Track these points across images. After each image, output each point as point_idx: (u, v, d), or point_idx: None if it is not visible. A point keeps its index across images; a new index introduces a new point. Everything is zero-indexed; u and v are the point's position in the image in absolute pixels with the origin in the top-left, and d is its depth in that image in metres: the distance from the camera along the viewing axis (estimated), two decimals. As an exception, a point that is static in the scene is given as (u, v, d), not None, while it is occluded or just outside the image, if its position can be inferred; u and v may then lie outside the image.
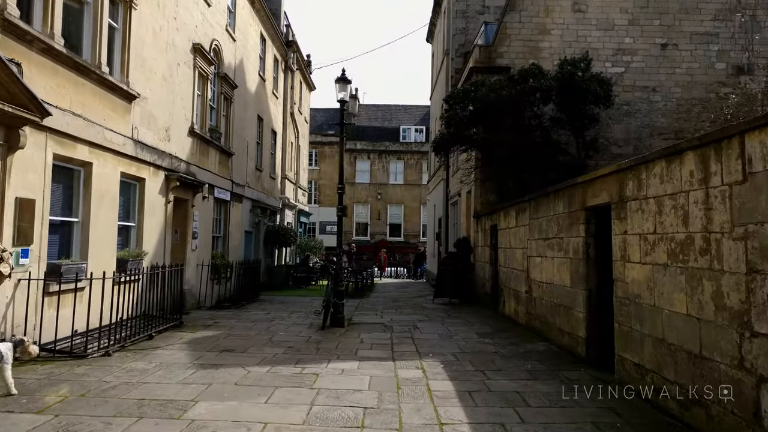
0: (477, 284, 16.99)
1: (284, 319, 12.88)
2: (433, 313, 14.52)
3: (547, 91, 14.32)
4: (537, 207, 10.46)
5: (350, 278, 20.80)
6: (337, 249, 12.15)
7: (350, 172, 47.90)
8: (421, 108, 52.82)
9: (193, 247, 14.30)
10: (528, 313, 11.10)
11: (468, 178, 16.94)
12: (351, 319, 12.93)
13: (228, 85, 17.05)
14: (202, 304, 14.68)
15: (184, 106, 13.53)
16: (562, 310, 9.02)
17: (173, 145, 12.87)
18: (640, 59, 17.80)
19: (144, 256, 11.12)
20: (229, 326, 11.47)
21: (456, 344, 9.75)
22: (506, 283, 13.09)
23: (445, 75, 25.43)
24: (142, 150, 11.01)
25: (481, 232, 16.50)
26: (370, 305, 17.05)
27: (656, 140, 17.74)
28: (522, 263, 11.52)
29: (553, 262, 9.50)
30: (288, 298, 18.76)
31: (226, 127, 17.46)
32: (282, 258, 25.97)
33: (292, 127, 27.68)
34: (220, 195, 16.61)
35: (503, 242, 13.44)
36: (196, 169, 14.39)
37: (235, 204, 18.38)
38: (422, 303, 17.48)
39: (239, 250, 18.84)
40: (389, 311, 15.06)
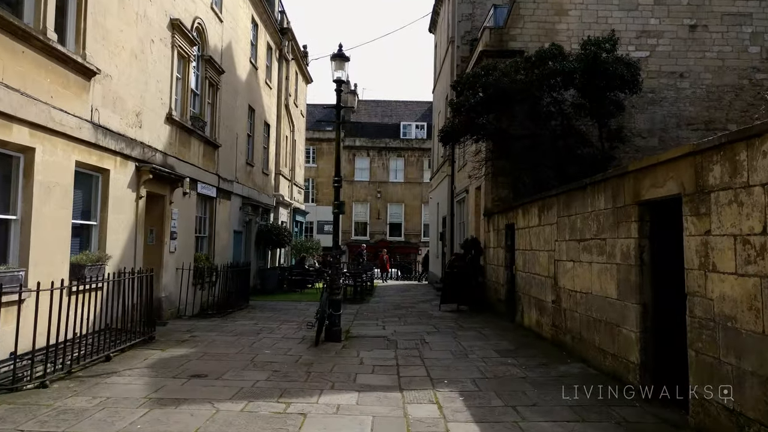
0: (488, 290, 15.41)
1: (273, 331, 11.29)
2: (441, 323, 12.94)
3: (569, 74, 12.73)
4: (568, 202, 8.89)
5: (349, 281, 19.22)
6: (334, 251, 10.57)
7: (349, 169, 46.33)
8: (422, 104, 51.24)
9: (171, 248, 12.71)
10: (555, 326, 9.52)
11: (479, 172, 15.38)
12: (349, 330, 11.36)
13: (214, 69, 15.46)
14: (183, 312, 13.10)
15: (160, 89, 11.94)
16: (604, 326, 7.45)
17: (146, 133, 11.28)
18: (667, 42, 16.23)
19: (107, 261, 9.53)
20: (208, 341, 9.88)
21: (474, 366, 8.17)
22: (525, 290, 11.51)
23: (450, 64, 23.86)
24: (104, 136, 9.42)
25: (494, 232, 14.93)
26: (370, 312, 15.47)
27: (684, 131, 16.18)
28: (547, 268, 9.95)
29: (590, 268, 7.92)
30: (280, 304, 17.18)
31: (212, 116, 15.88)
32: (276, 260, 24.39)
33: (287, 121, 26.10)
34: (205, 190, 15.02)
35: (522, 243, 11.87)
36: (175, 161, 12.81)
37: (223, 201, 16.80)
38: (427, 310, 15.90)
39: (227, 252, 17.26)
40: (392, 320, 13.49)
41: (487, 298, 15.42)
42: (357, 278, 19.25)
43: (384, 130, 48.40)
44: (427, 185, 45.41)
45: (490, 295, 15.26)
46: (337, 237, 10.44)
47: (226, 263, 15.88)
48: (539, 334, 10.41)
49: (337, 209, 10.48)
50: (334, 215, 10.50)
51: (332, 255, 10.81)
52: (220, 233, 16.54)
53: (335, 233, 10.45)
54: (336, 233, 10.44)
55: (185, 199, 13.65)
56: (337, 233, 10.42)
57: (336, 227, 10.45)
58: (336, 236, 10.43)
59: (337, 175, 10.55)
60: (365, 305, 17.40)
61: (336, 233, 10.44)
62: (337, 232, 10.42)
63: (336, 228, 10.46)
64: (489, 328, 11.86)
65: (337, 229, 10.45)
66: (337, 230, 10.43)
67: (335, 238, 10.46)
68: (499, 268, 14.22)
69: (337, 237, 10.44)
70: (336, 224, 10.45)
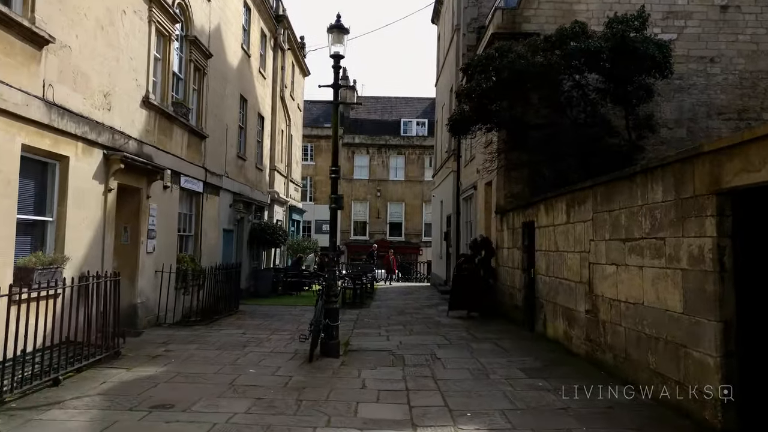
0: (502, 294, 14.02)
1: (262, 343, 9.89)
2: (451, 332, 11.54)
3: (595, 54, 11.34)
4: (609, 195, 7.50)
5: (347, 284, 17.84)
6: (330, 252, 9.17)
7: (348, 167, 44.93)
8: (423, 100, 49.83)
9: (149, 248, 11.32)
10: (590, 340, 8.13)
11: (490, 165, 13.98)
12: (348, 342, 9.97)
13: (200, 52, 14.06)
14: (163, 320, 11.70)
15: (134, 68, 10.54)
16: (664, 346, 6.07)
17: (117, 117, 9.88)
18: (696, 24, 14.85)
19: (64, 263, 8.12)
20: (184, 357, 8.48)
21: (499, 390, 6.78)
22: (549, 296, 10.13)
23: (455, 54, 22.48)
24: (61, 117, 8.02)
25: (508, 231, 13.54)
26: (371, 318, 14.09)
27: (715, 121, 14.81)
28: (578, 272, 8.56)
29: (641, 274, 6.54)
30: (274, 309, 15.79)
31: (198, 104, 14.48)
32: (270, 260, 22.99)
33: (282, 113, 24.70)
34: (189, 185, 13.62)
35: (544, 244, 10.49)
36: (153, 151, 11.40)
37: (210, 197, 15.40)
38: (434, 316, 14.51)
39: (216, 253, 15.86)
40: (396, 329, 12.10)
41: (501, 303, 14.04)
42: (357, 281, 17.85)
43: (384, 127, 46.99)
44: (428, 184, 44.02)
45: (503, 301, 13.87)
46: (334, 236, 9.04)
47: (215, 265, 14.49)
48: (568, 349, 9.02)
49: (335, 204, 9.08)
50: (331, 211, 9.10)
51: (328, 256, 9.43)
52: (207, 232, 15.15)
53: (332, 232, 9.04)
54: (333, 232, 9.03)
55: (166, 194, 12.25)
56: (334, 232, 9.02)
57: (333, 225, 9.05)
58: (333, 235, 9.03)
59: (334, 164, 9.15)
60: (366, 310, 16.02)
61: (333, 232, 9.03)
62: (334, 231, 9.02)
63: (333, 226, 9.06)
64: (507, 339, 10.47)
65: (335, 228, 9.06)
66: (334, 228, 9.03)
67: (332, 238, 9.06)
68: (514, 271, 12.83)
69: (334, 236, 9.04)
70: (333, 222, 9.05)
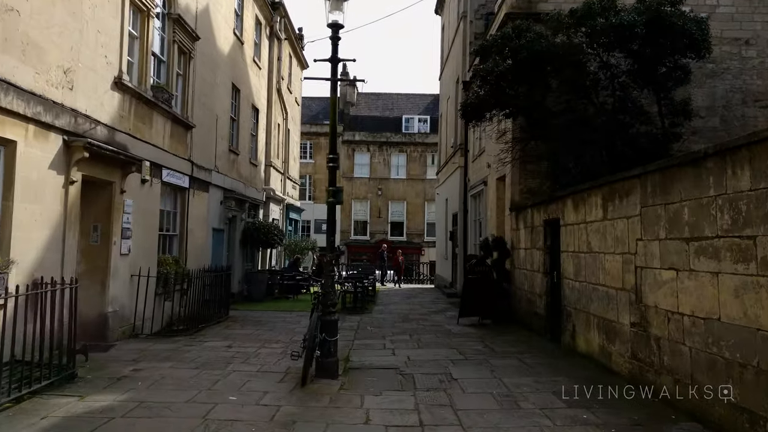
0: (518, 300, 12.70)
1: (249, 359, 8.56)
2: (465, 343, 10.22)
3: (629, 28, 10.02)
4: (665, 184, 6.18)
5: (348, 287, 16.54)
6: (328, 253, 7.83)
7: (348, 165, 43.66)
8: (425, 96, 48.54)
9: (123, 250, 10.00)
10: (637, 359, 6.81)
11: (506, 156, 12.65)
12: (348, 357, 8.66)
13: (185, 33, 12.74)
14: (140, 330, 10.40)
15: (103, 44, 9.22)
16: (754, 375, 4.75)
17: (82, 98, 8.57)
18: (729, 3, 13.54)
19: (10, 267, 6.81)
20: (155, 378, 7.15)
21: (536, 426, 5.46)
22: (579, 304, 8.82)
23: (462, 43, 21.19)
24: (5, 93, 6.70)
25: (525, 230, 12.23)
26: (374, 326, 12.78)
27: (751, 108, 13.49)
28: (620, 277, 7.24)
29: (717, 281, 5.22)
30: (267, 315, 14.49)
31: (184, 90, 13.16)
32: (266, 261, 21.68)
33: (279, 107, 23.39)
34: (173, 179, 12.30)
35: (572, 244, 9.17)
36: (128, 140, 10.09)
37: (198, 193, 14.08)
38: (443, 323, 13.19)
39: (204, 254, 14.54)
40: (402, 339, 10.79)
41: (517, 309, 12.72)
42: (358, 284, 16.52)
43: (385, 124, 45.66)
44: (431, 182, 42.67)
45: (520, 307, 12.55)
46: (333, 235, 7.71)
47: (203, 267, 13.18)
48: (606, 366, 7.70)
49: (334, 198, 7.75)
50: (329, 207, 7.77)
51: (327, 257, 8.12)
52: (194, 231, 13.83)
53: (330, 230, 7.70)
54: (331, 230, 7.69)
55: (145, 188, 10.94)
56: (333, 230, 7.68)
57: (332, 223, 7.71)
58: (332, 234, 7.69)
59: (332, 150, 7.82)
60: (367, 316, 14.71)
61: (331, 230, 7.69)
62: (333, 229, 7.68)
63: (331, 224, 7.72)
64: (531, 353, 9.14)
65: (333, 226, 7.71)
66: (332, 227, 7.68)
67: (330, 237, 7.72)
68: (534, 275, 11.51)
69: (333, 235, 7.71)
70: (331, 219, 7.71)
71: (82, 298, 9.14)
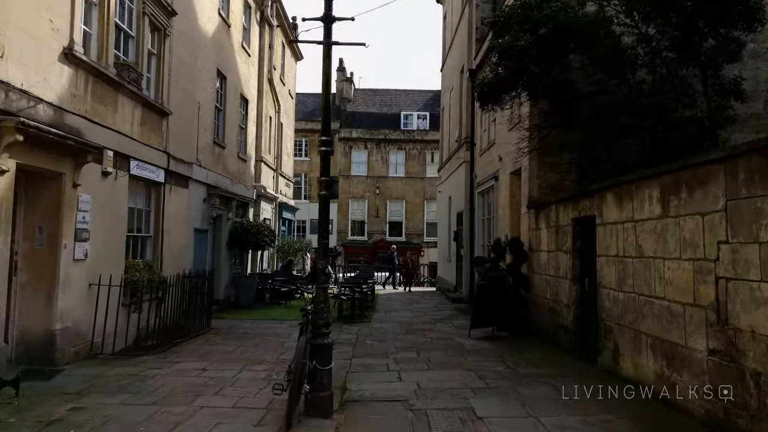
0: (539, 309, 11.14)
1: (224, 387, 6.99)
2: (483, 363, 8.67)
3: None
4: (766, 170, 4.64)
5: (345, 292, 14.99)
6: (319, 259, 6.27)
7: (345, 163, 42.11)
8: (424, 93, 46.96)
9: (77, 255, 8.41)
10: (721, 397, 5.25)
11: (529, 144, 11.08)
12: (345, 383, 7.10)
13: (158, 5, 11.13)
14: (99, 348, 8.81)
15: (47, 5, 7.64)
16: None
17: (16, 69, 6.97)
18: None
19: None
20: (95, 423, 5.53)
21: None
22: (624, 319, 7.28)
23: (467, 30, 19.70)
24: None
25: (548, 230, 10.69)
26: (375, 339, 11.26)
27: (797, 93, 12.00)
28: (691, 290, 5.70)
29: None
30: (255, 326, 12.92)
31: (158, 72, 11.58)
32: (257, 264, 20.10)
33: (270, 98, 21.80)
34: (144, 172, 10.72)
35: (613, 246, 7.64)
36: (84, 123, 8.51)
37: (176, 189, 12.49)
38: (452, 336, 11.65)
39: (184, 257, 12.95)
40: (408, 358, 9.24)
41: (536, 320, 11.19)
42: (356, 290, 14.95)
43: (383, 121, 44.06)
44: (430, 181, 41.11)
45: (540, 317, 11.01)
46: (326, 236, 6.14)
47: (182, 272, 11.61)
48: (669, 401, 6.13)
49: (327, 190, 6.19)
50: (321, 201, 6.22)
51: (320, 263, 6.55)
52: (171, 232, 12.25)
53: (322, 230, 6.14)
54: (324, 230, 6.13)
55: (108, 182, 9.36)
56: (325, 230, 6.12)
57: (324, 221, 6.15)
58: (324, 235, 6.12)
59: (325, 131, 6.31)
60: (366, 326, 13.17)
61: (324, 230, 6.13)
62: (325, 229, 6.11)
63: (324, 222, 6.16)
64: (563, 377, 7.56)
65: (326, 225, 6.16)
66: (325, 226, 6.12)
67: (323, 239, 6.15)
68: (559, 281, 9.97)
69: (326, 236, 6.14)
70: (324, 216, 6.16)
71: (24, 312, 7.65)
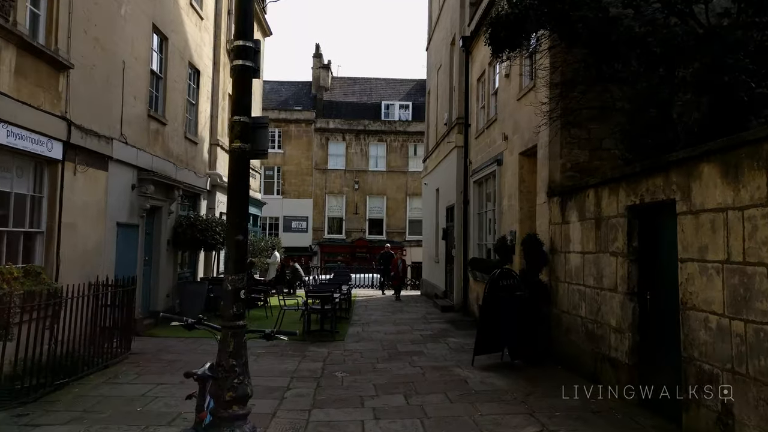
0: (567, 330, 8.30)
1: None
2: (505, 420, 5.82)
3: None
4: None
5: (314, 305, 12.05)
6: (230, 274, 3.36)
7: (321, 156, 39.17)
8: (406, 82, 44.17)
9: None
10: None
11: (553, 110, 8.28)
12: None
13: None
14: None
15: None
16: None
17: None
18: None
19: None
20: None
21: None
22: (744, 364, 4.49)
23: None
24: None
25: (583, 224, 7.88)
26: (347, 370, 8.36)
27: None
28: None
29: None
30: (193, 347, 9.94)
31: (51, 8, 8.52)
32: (212, 267, 17.06)
33: (230, 72, 18.71)
34: (25, 144, 7.68)
35: (713, 246, 4.84)
36: None
37: (86, 170, 9.44)
38: (451, 363, 8.79)
39: (100, 260, 9.90)
40: (393, 408, 6.35)
41: (563, 344, 8.36)
42: (327, 301, 11.96)
43: (362, 111, 41.13)
44: (413, 175, 38.27)
45: (569, 341, 8.19)
46: (241, 224, 3.24)
47: (96, 280, 8.60)
48: None
49: (246, 142, 3.27)
50: (232, 160, 3.33)
51: (229, 279, 3.50)
52: (77, 227, 9.21)
53: (235, 215, 3.25)
54: (238, 214, 3.24)
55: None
56: (241, 214, 3.22)
57: (240, 194, 3.26)
58: (239, 220, 3.23)
59: (241, 34, 3.26)
60: (338, 349, 10.27)
61: (238, 214, 3.24)
62: (240, 212, 3.22)
63: (239, 198, 3.26)
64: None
65: (243, 202, 3.26)
66: (240, 203, 3.23)
67: (236, 228, 3.26)
68: (602, 295, 7.17)
69: (241, 224, 3.24)
70: (240, 187, 3.27)
71: None
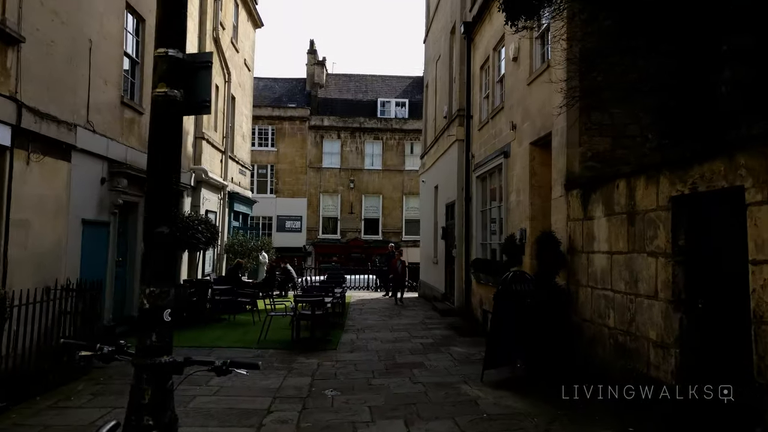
0: (593, 342, 7.21)
1: None
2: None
3: None
4: None
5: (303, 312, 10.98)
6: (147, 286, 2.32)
7: (315, 154, 38.07)
8: (402, 79, 43.19)
9: None
10: None
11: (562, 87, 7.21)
12: None
13: None
14: None
15: None
16: None
17: None
18: None
19: None
20: None
21: None
22: None
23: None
24: None
25: (608, 220, 6.81)
26: (339, 388, 7.24)
27: None
28: None
29: None
30: (166, 362, 8.77)
31: (-2, -27, 7.42)
32: (196, 269, 15.94)
33: (217, 62, 17.61)
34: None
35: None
36: None
37: (44, 160, 8.31)
38: (457, 380, 7.71)
39: (62, 262, 8.77)
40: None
41: (586, 357, 7.28)
42: (318, 306, 10.86)
43: (358, 108, 40.07)
44: (410, 174, 37.22)
45: (594, 354, 7.11)
46: (164, 214, 2.20)
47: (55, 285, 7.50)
48: None
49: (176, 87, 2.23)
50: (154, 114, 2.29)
51: (148, 290, 2.48)
52: (32, 224, 8.08)
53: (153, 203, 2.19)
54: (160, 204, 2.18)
55: None
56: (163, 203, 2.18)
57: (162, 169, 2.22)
58: (159, 210, 2.19)
59: None
60: (330, 360, 9.18)
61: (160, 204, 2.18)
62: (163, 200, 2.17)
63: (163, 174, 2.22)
64: None
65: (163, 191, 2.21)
66: (163, 180, 2.19)
67: (153, 219, 2.20)
68: (638, 302, 6.09)
69: (164, 214, 2.20)
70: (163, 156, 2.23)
71: None
